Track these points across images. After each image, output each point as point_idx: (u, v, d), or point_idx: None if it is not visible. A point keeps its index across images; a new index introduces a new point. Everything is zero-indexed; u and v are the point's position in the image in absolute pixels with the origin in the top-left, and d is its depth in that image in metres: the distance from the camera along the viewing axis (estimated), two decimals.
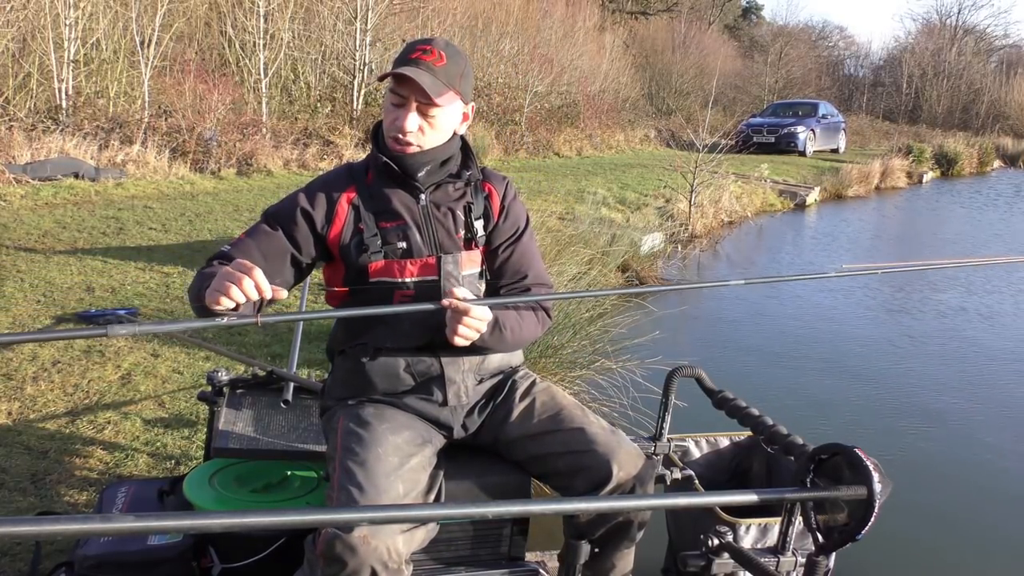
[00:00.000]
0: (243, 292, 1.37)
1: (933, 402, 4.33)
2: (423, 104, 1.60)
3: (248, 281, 1.37)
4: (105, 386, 3.29)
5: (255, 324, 1.31)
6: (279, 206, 1.68)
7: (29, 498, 2.43)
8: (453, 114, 1.67)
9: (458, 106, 1.68)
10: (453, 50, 1.64)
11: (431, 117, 1.62)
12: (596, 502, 1.50)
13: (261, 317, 1.32)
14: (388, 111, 1.65)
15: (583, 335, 3.82)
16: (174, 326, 1.25)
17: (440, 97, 1.59)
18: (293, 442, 1.94)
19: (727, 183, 10.25)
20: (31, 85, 8.78)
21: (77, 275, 4.82)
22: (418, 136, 1.63)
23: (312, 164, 9.96)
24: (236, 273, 1.39)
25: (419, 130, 1.62)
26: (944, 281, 7.39)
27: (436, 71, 1.59)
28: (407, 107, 1.61)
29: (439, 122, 1.64)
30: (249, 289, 1.37)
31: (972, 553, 2.91)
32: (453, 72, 1.62)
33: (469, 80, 1.69)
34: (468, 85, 1.69)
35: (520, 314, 1.69)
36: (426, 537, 1.50)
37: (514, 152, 13.58)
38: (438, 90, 1.58)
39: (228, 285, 1.37)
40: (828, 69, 34.05)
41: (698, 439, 2.23)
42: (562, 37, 17.57)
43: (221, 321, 1.32)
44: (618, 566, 1.77)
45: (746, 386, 4.26)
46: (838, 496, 1.22)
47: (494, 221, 1.74)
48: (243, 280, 1.37)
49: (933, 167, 17.89)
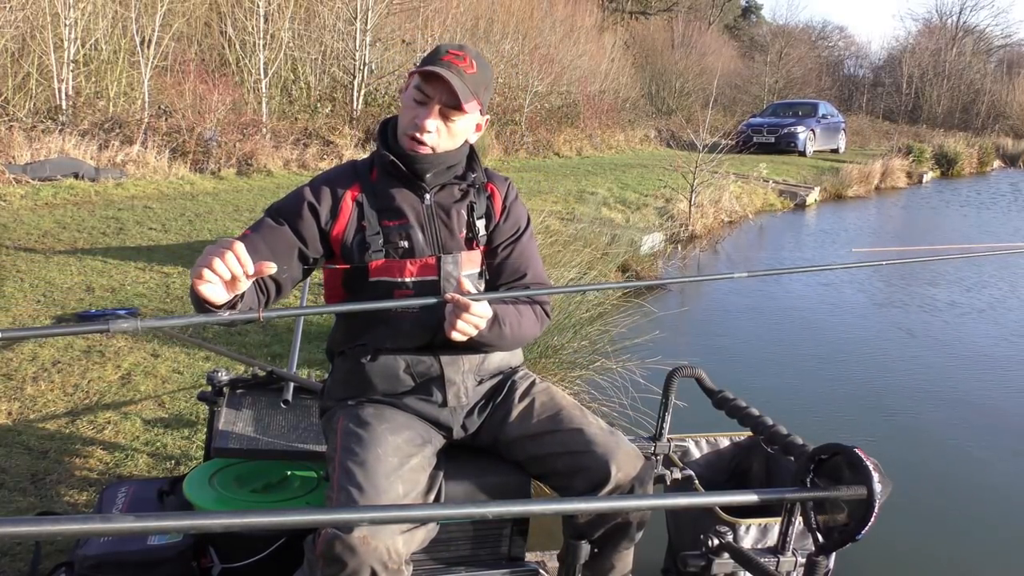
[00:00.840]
0: (225, 264, 1.31)
1: (934, 402, 4.33)
2: (447, 108, 1.60)
3: (230, 255, 1.32)
4: (105, 386, 3.29)
5: (257, 319, 1.30)
6: (283, 201, 1.68)
7: (29, 498, 2.43)
8: (471, 122, 1.68)
9: (476, 116, 1.68)
10: (483, 61, 1.65)
11: (451, 122, 1.62)
12: (596, 502, 1.50)
13: (264, 312, 1.30)
14: (408, 107, 1.64)
15: (583, 335, 3.82)
16: (176, 321, 1.23)
17: (467, 104, 1.59)
18: (293, 442, 1.94)
19: (727, 183, 10.26)
20: (31, 85, 8.78)
21: (77, 275, 4.82)
22: (434, 137, 1.63)
23: (312, 164, 9.96)
24: (218, 248, 1.34)
25: (436, 132, 1.62)
26: (945, 278, 7.40)
27: (467, 78, 1.59)
28: (430, 107, 1.60)
29: (457, 128, 1.64)
30: (231, 262, 1.32)
31: (973, 553, 2.91)
32: (480, 82, 1.63)
33: (490, 92, 1.70)
34: (488, 96, 1.70)
35: (519, 311, 1.68)
36: (426, 537, 1.50)
37: (514, 152, 13.58)
38: (466, 96, 1.58)
39: (210, 259, 1.33)
40: (828, 69, 34.06)
41: (698, 439, 2.23)
42: (562, 37, 17.58)
43: (223, 316, 1.29)
44: (618, 566, 1.77)
45: (746, 386, 4.26)
46: (838, 496, 1.21)
47: (495, 221, 1.74)
48: (225, 254, 1.32)
49: (933, 167, 17.90)
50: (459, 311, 1.51)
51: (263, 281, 1.57)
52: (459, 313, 1.51)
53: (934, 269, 8.08)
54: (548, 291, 1.77)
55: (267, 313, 1.30)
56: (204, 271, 1.32)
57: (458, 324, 1.51)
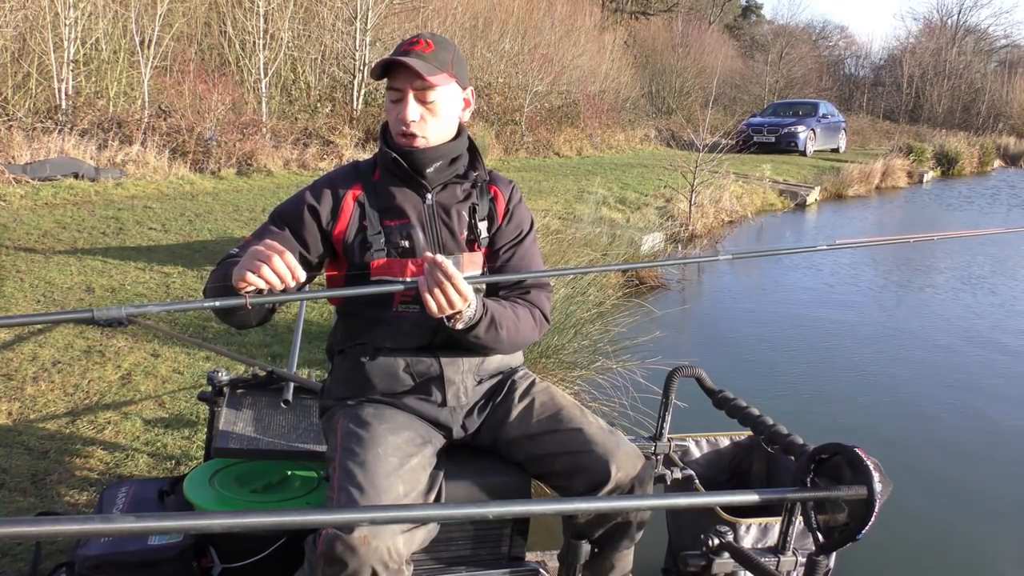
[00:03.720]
0: (274, 271, 1.33)
1: (935, 401, 4.33)
2: (419, 90, 1.60)
3: (278, 260, 1.33)
4: (105, 386, 3.29)
5: (244, 306, 1.28)
6: (286, 205, 1.68)
7: (29, 498, 2.43)
8: (452, 99, 1.67)
9: (455, 90, 1.67)
10: (440, 38, 1.65)
11: (430, 103, 1.62)
12: (596, 502, 1.50)
13: (250, 299, 1.29)
14: (389, 109, 1.65)
15: (583, 335, 3.82)
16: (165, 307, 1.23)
17: (434, 77, 1.59)
18: (293, 442, 1.94)
19: (727, 183, 10.26)
20: (30, 85, 8.77)
21: (77, 275, 4.82)
22: (421, 126, 1.63)
23: (312, 164, 9.95)
24: (266, 252, 1.34)
25: (421, 119, 1.62)
26: (947, 275, 7.39)
27: (426, 56, 1.60)
28: (405, 98, 1.61)
29: (439, 107, 1.64)
30: (280, 268, 1.33)
31: (973, 553, 2.91)
32: (443, 57, 1.63)
33: (463, 65, 1.69)
34: (462, 69, 1.69)
35: (517, 315, 1.67)
36: (426, 537, 1.50)
37: (514, 152, 13.58)
38: (430, 71, 1.59)
39: (258, 264, 1.33)
40: (829, 69, 34.05)
41: (698, 439, 2.23)
42: (562, 37, 17.57)
43: (211, 303, 1.28)
44: (618, 566, 1.77)
45: (746, 386, 4.26)
46: (838, 496, 1.22)
47: (498, 223, 1.74)
48: (273, 258, 1.33)
49: (934, 167, 17.90)
50: (436, 276, 1.43)
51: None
52: (437, 278, 1.43)
53: (934, 270, 8.08)
54: (542, 273, 1.75)
55: (253, 299, 1.30)
56: (250, 276, 1.33)
57: (435, 293, 1.44)
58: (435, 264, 1.42)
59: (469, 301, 1.49)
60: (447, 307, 1.46)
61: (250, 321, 1.57)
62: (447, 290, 1.43)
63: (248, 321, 1.57)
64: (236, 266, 1.38)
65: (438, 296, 1.44)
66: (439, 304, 1.45)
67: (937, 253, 8.73)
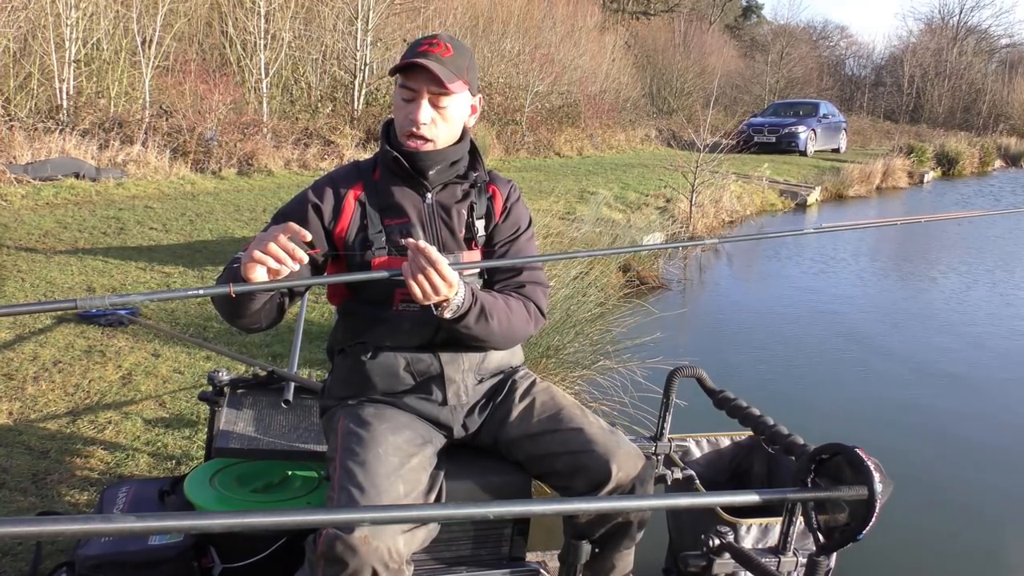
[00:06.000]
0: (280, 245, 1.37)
1: (937, 401, 4.32)
2: (435, 94, 1.61)
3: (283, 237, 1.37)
4: (106, 386, 3.29)
5: (229, 294, 1.30)
6: (288, 206, 1.68)
7: (30, 498, 2.43)
8: (463, 105, 1.68)
9: (467, 97, 1.68)
10: (458, 43, 1.65)
11: (443, 108, 1.62)
12: (596, 502, 1.50)
13: (235, 287, 1.31)
14: (399, 107, 1.64)
15: (584, 335, 3.82)
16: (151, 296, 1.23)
17: (452, 84, 1.59)
18: (294, 442, 1.95)
19: (728, 183, 10.25)
20: (32, 85, 8.78)
21: (78, 275, 4.82)
22: (432, 129, 1.63)
23: (313, 164, 9.96)
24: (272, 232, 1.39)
25: (432, 122, 1.62)
26: (953, 277, 7.39)
27: (445, 61, 1.60)
28: (418, 99, 1.61)
29: (451, 113, 1.64)
30: (284, 241, 1.37)
31: (973, 552, 2.91)
32: (461, 63, 1.63)
33: (475, 72, 1.71)
34: (474, 76, 1.70)
35: (510, 307, 1.66)
36: (427, 537, 1.50)
37: (515, 152, 13.57)
38: (450, 77, 1.59)
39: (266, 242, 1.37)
40: (829, 69, 34.04)
41: (699, 439, 2.23)
42: (563, 37, 17.57)
43: (196, 292, 1.29)
44: (618, 566, 1.77)
45: (747, 386, 4.26)
46: (839, 496, 1.22)
47: (495, 221, 1.74)
48: (279, 236, 1.37)
49: (934, 167, 17.88)
50: (420, 261, 1.43)
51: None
52: (421, 263, 1.43)
53: (934, 269, 8.07)
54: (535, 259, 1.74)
55: (238, 287, 1.32)
56: (256, 253, 1.37)
57: (419, 278, 1.43)
58: (418, 250, 1.43)
59: (455, 287, 1.49)
60: (432, 293, 1.46)
61: (260, 321, 1.57)
62: (431, 275, 1.44)
63: (258, 321, 1.57)
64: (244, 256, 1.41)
65: (422, 282, 1.44)
66: (423, 290, 1.45)
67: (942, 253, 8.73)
